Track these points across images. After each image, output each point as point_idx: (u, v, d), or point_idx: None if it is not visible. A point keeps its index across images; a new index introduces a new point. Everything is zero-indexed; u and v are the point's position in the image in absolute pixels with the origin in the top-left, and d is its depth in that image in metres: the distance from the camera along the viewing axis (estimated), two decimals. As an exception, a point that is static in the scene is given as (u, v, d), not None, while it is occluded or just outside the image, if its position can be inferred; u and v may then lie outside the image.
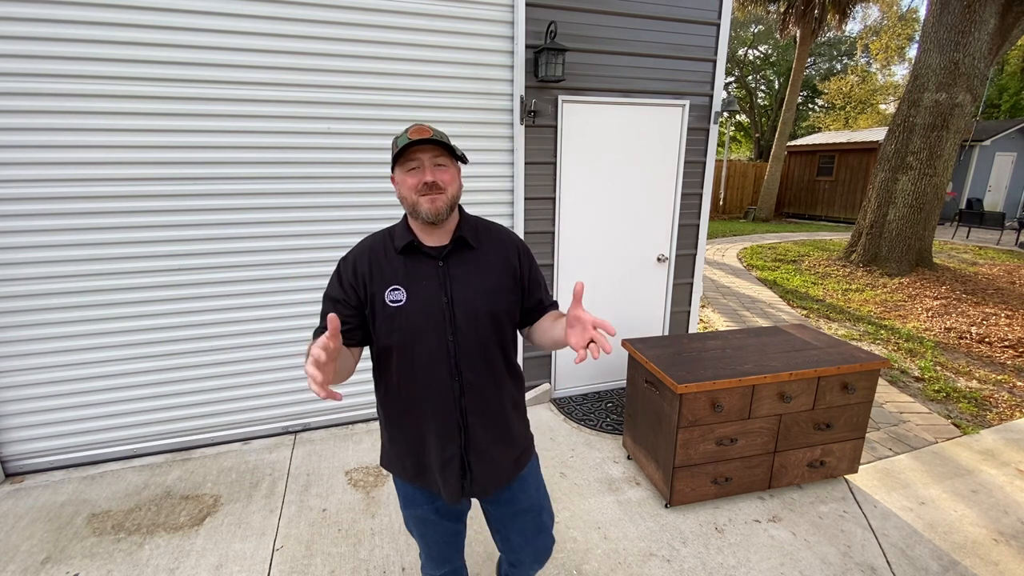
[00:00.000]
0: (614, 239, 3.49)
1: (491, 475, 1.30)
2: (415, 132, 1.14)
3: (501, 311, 1.25)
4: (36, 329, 2.57)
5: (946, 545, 2.24)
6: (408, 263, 1.22)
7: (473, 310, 1.21)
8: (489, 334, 1.23)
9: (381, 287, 1.20)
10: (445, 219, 1.19)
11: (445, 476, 1.26)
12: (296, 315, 2.96)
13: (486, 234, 1.29)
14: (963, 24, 6.72)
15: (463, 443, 1.26)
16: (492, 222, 1.36)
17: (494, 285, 1.24)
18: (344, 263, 1.26)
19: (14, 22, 2.26)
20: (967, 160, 13.99)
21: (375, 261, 1.22)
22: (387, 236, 1.27)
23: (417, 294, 1.19)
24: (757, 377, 2.28)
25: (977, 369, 4.23)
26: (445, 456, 1.25)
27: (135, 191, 2.57)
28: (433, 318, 1.19)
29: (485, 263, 1.25)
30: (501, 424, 1.30)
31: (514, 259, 1.29)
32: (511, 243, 1.31)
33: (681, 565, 2.11)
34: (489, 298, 1.23)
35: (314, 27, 2.64)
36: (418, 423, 1.26)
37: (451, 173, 1.18)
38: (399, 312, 1.18)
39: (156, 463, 2.78)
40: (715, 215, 15.23)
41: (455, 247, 1.23)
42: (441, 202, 1.15)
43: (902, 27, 18.88)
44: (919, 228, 7.41)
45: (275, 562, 2.09)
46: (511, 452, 1.33)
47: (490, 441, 1.28)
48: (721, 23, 3.32)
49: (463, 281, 1.21)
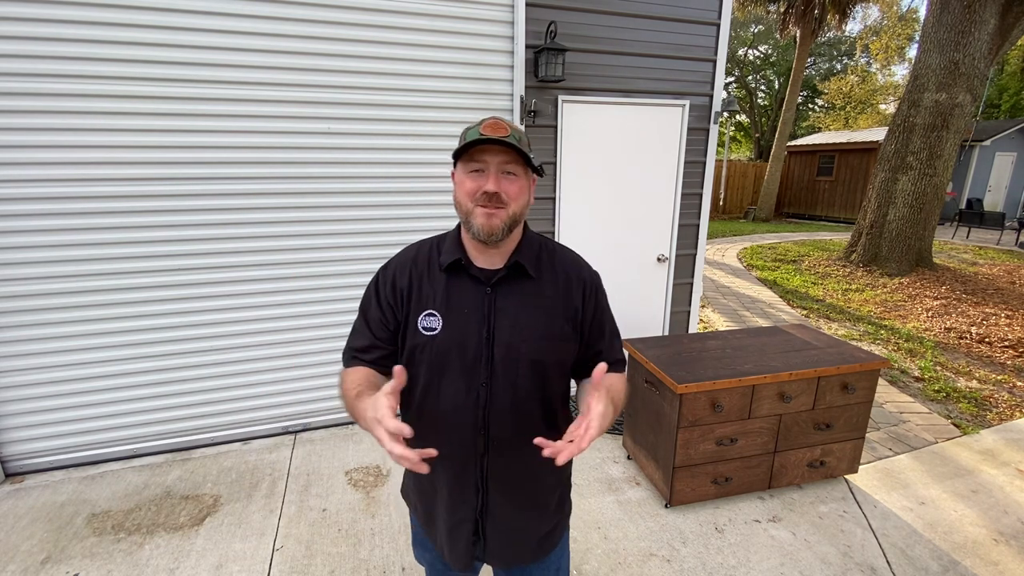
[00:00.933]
0: (614, 239, 3.49)
1: (510, 550, 1.11)
2: (489, 127, 0.93)
3: (550, 361, 1.03)
4: (36, 329, 2.56)
5: (946, 545, 2.24)
6: (451, 285, 1.03)
7: (515, 354, 1.00)
8: (530, 385, 1.02)
9: (417, 309, 1.02)
10: (501, 239, 0.98)
11: (452, 540, 1.09)
12: (296, 315, 2.96)
13: (549, 262, 1.07)
14: (963, 24, 6.72)
15: (479, 508, 1.07)
16: (560, 245, 1.13)
17: (546, 328, 1.02)
18: (383, 275, 1.08)
19: (14, 22, 2.26)
20: (967, 160, 13.99)
21: (416, 277, 1.04)
22: (434, 247, 1.08)
23: (454, 324, 1.00)
24: (757, 377, 2.28)
25: (977, 369, 4.23)
26: (454, 519, 1.07)
27: (135, 191, 2.57)
28: (467, 355, 1.00)
29: (541, 299, 1.03)
30: (531, 493, 1.10)
31: (577, 298, 1.06)
32: (577, 277, 1.07)
33: (681, 565, 2.11)
34: (537, 343, 1.01)
35: (314, 27, 2.64)
36: (432, 473, 1.06)
37: (520, 185, 0.98)
38: (430, 343, 1.00)
39: (156, 463, 2.78)
40: (715, 215, 15.23)
41: (509, 274, 1.02)
42: (499, 220, 0.95)
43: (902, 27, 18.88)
44: (919, 228, 7.41)
45: (275, 562, 2.09)
46: (539, 527, 1.12)
47: (513, 511, 1.08)
48: (721, 23, 3.32)
49: (511, 317, 1.01)
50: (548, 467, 1.04)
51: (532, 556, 1.13)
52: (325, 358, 3.06)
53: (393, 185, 2.96)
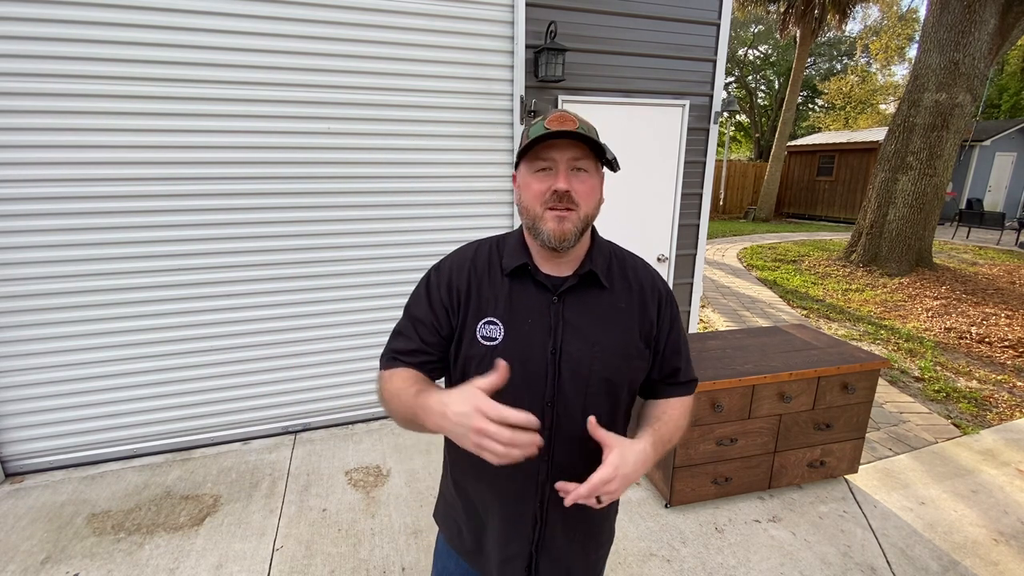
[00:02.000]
0: (614, 239, 3.47)
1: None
2: (555, 121, 0.84)
3: (622, 380, 0.94)
4: (36, 329, 2.56)
5: (946, 545, 2.24)
6: (515, 291, 0.93)
7: (585, 372, 0.91)
8: (601, 405, 0.93)
9: (476, 315, 0.93)
10: (572, 246, 0.89)
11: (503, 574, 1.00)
12: (296, 315, 2.96)
13: (621, 271, 0.99)
14: (963, 24, 6.72)
15: (536, 541, 0.97)
16: (630, 253, 1.04)
17: (620, 343, 0.93)
18: (436, 274, 0.98)
19: (14, 22, 2.26)
20: (967, 160, 13.99)
21: (476, 279, 0.95)
22: (494, 249, 0.98)
23: (517, 335, 0.91)
24: (757, 377, 2.28)
25: (977, 369, 4.23)
26: (508, 552, 0.98)
27: (135, 191, 2.57)
28: (531, 371, 0.90)
29: (614, 311, 0.94)
30: (592, 524, 1.01)
31: (652, 311, 0.97)
32: (652, 288, 0.99)
33: (681, 565, 2.11)
34: (610, 360, 0.92)
35: (314, 27, 2.64)
36: (484, 499, 0.98)
37: (591, 183, 0.89)
38: (490, 355, 0.89)
39: (156, 463, 2.78)
40: (715, 215, 15.23)
41: (580, 283, 0.93)
42: (571, 223, 0.87)
43: (902, 27, 18.89)
44: (919, 228, 7.41)
45: (275, 562, 2.09)
46: (592, 557, 1.06)
47: (570, 543, 1.00)
48: (721, 23, 3.32)
49: (580, 330, 0.92)
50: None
51: None
52: (325, 358, 3.06)
53: (393, 185, 2.96)
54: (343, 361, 3.09)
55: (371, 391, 3.18)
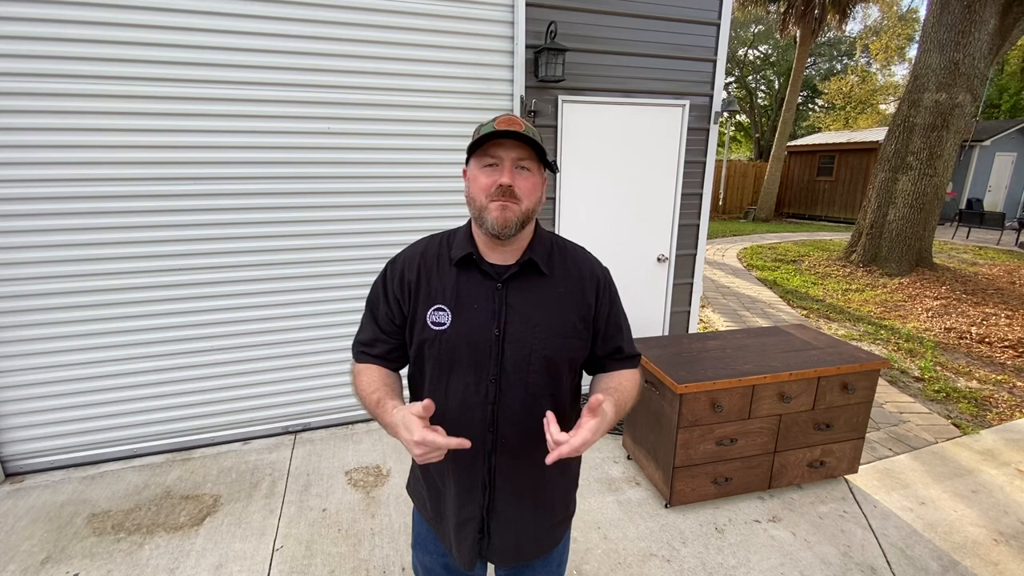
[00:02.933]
0: (614, 239, 3.49)
1: (513, 548, 1.11)
2: (503, 122, 0.95)
3: (561, 358, 1.03)
4: (36, 329, 2.56)
5: (946, 545, 2.24)
6: (461, 280, 1.02)
7: (527, 351, 1.00)
8: (541, 382, 1.02)
9: (426, 303, 1.02)
10: (513, 235, 0.98)
11: (459, 538, 1.09)
12: (296, 315, 2.96)
13: (561, 259, 1.08)
14: (963, 24, 6.72)
15: (485, 505, 1.07)
16: (573, 243, 1.14)
17: (559, 325, 1.03)
18: (392, 268, 1.09)
19: (14, 22, 2.26)
20: (967, 160, 13.99)
21: (425, 271, 1.04)
22: (444, 242, 1.08)
23: (464, 320, 1.00)
24: (757, 377, 2.28)
25: (977, 369, 4.23)
26: (461, 516, 1.08)
27: (135, 191, 2.57)
28: (477, 351, 1.00)
29: (554, 295, 1.04)
30: (539, 492, 1.10)
31: (591, 295, 1.07)
32: (590, 274, 1.09)
33: (681, 565, 2.11)
34: (550, 340, 1.01)
35: (314, 27, 2.64)
36: (442, 470, 1.08)
37: (533, 181, 0.98)
38: (439, 338, 1.00)
39: (156, 463, 2.78)
40: (715, 215, 15.23)
41: (521, 270, 1.03)
42: (512, 213, 0.95)
43: (902, 27, 18.90)
44: (919, 228, 7.41)
45: (275, 562, 2.09)
46: (544, 525, 1.13)
47: (519, 509, 1.08)
48: (721, 23, 3.32)
49: (522, 314, 1.01)
50: (557, 466, 1.02)
51: (535, 554, 1.14)
52: (325, 358, 3.06)
53: (393, 185, 2.96)
54: (343, 361, 3.09)
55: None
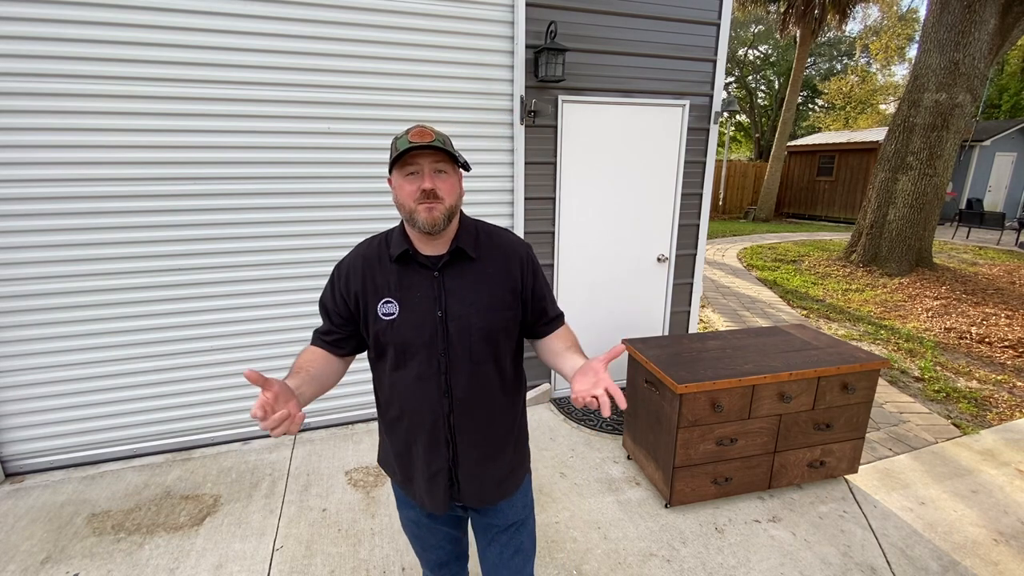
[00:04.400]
0: (614, 239, 3.49)
1: (478, 491, 1.26)
2: (416, 134, 1.07)
3: (497, 328, 1.18)
4: (36, 329, 2.56)
5: (946, 545, 2.24)
6: (402, 273, 1.17)
7: (467, 326, 1.15)
8: (483, 351, 1.18)
9: (375, 298, 1.16)
10: (443, 229, 1.12)
11: (431, 489, 1.24)
12: (296, 315, 2.96)
13: (487, 243, 1.22)
14: (963, 24, 6.72)
15: (451, 458, 1.22)
16: (496, 227, 1.28)
17: (490, 300, 1.18)
18: (337, 271, 1.22)
19: (14, 22, 2.26)
20: (967, 160, 13.99)
21: (368, 270, 1.18)
22: (383, 242, 1.22)
23: (410, 307, 1.15)
24: (757, 377, 2.28)
25: (977, 369, 4.23)
26: (431, 470, 1.23)
27: (135, 191, 2.57)
28: (425, 332, 1.14)
29: (484, 275, 1.18)
30: (493, 443, 1.26)
31: (516, 271, 1.21)
32: (514, 254, 1.23)
33: (681, 565, 2.11)
34: (485, 314, 1.16)
35: (314, 27, 2.64)
36: (406, 434, 1.23)
37: (451, 181, 1.12)
38: (391, 325, 1.15)
39: (156, 463, 2.78)
40: (715, 215, 15.23)
41: (452, 258, 1.17)
42: (439, 211, 1.09)
43: (902, 27, 18.90)
44: (919, 228, 7.41)
45: (275, 562, 2.09)
46: (501, 470, 1.29)
47: (479, 459, 1.24)
48: (721, 23, 3.32)
49: (459, 295, 1.16)
50: (503, 420, 1.26)
51: (499, 495, 1.29)
52: (325, 358, 3.06)
53: (393, 185, 2.96)
54: (343, 361, 3.09)
55: (370, 391, 3.17)
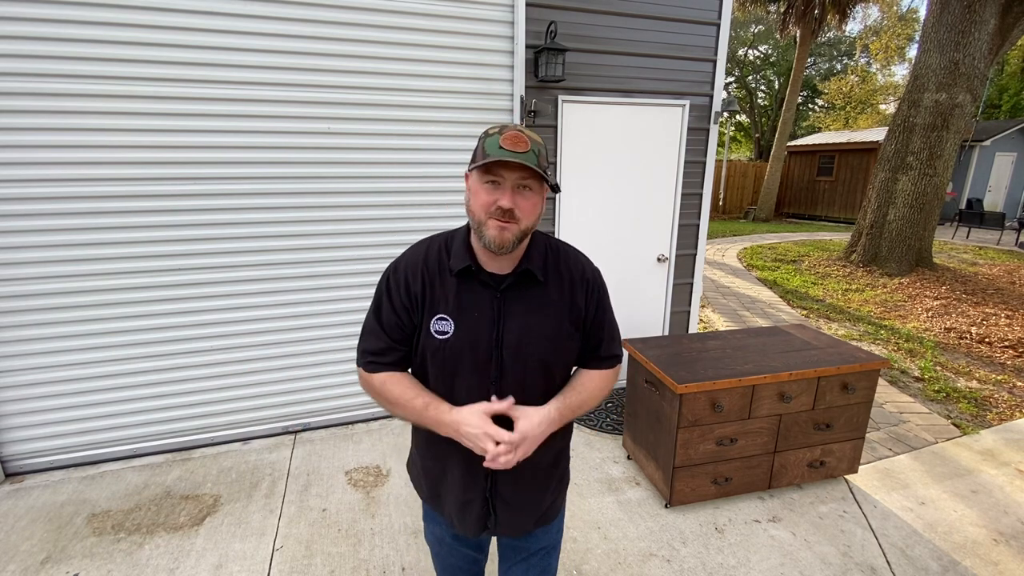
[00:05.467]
0: (614, 239, 3.49)
1: (516, 523, 1.19)
2: (509, 141, 0.94)
3: (556, 360, 1.10)
4: (36, 329, 2.56)
5: (946, 545, 2.24)
6: (462, 288, 1.06)
7: (523, 355, 1.06)
8: (537, 382, 1.09)
9: (430, 312, 1.06)
10: (510, 252, 1.01)
11: (462, 514, 1.17)
12: (296, 315, 2.96)
13: (555, 266, 1.11)
14: (963, 24, 6.72)
15: (488, 489, 1.15)
16: (565, 245, 1.17)
17: (553, 330, 1.08)
18: (394, 277, 1.10)
19: (14, 22, 2.26)
20: (967, 160, 13.99)
21: (429, 281, 1.07)
22: (443, 251, 1.10)
23: (465, 328, 1.05)
24: (757, 377, 2.28)
25: (977, 369, 4.23)
26: (465, 498, 1.16)
27: (135, 191, 2.57)
28: (478, 357, 1.05)
29: (548, 302, 1.08)
30: (537, 476, 1.18)
31: (581, 299, 1.11)
32: (581, 279, 1.12)
33: (681, 565, 2.11)
34: (544, 344, 1.07)
35: (314, 27, 2.64)
36: (444, 457, 1.15)
37: (534, 200, 1.00)
38: (443, 346, 1.05)
39: (156, 463, 2.78)
40: (715, 215, 15.22)
41: (518, 279, 1.07)
42: (510, 233, 0.98)
43: (902, 27, 18.90)
44: (919, 228, 7.41)
45: (275, 562, 2.09)
46: (542, 502, 1.22)
47: (519, 492, 1.17)
48: (721, 23, 3.32)
49: (519, 320, 1.06)
50: (549, 454, 1.17)
51: (536, 525, 1.22)
52: (325, 358, 3.06)
53: (393, 185, 2.96)
54: (343, 361, 3.09)
55: (371, 391, 3.18)
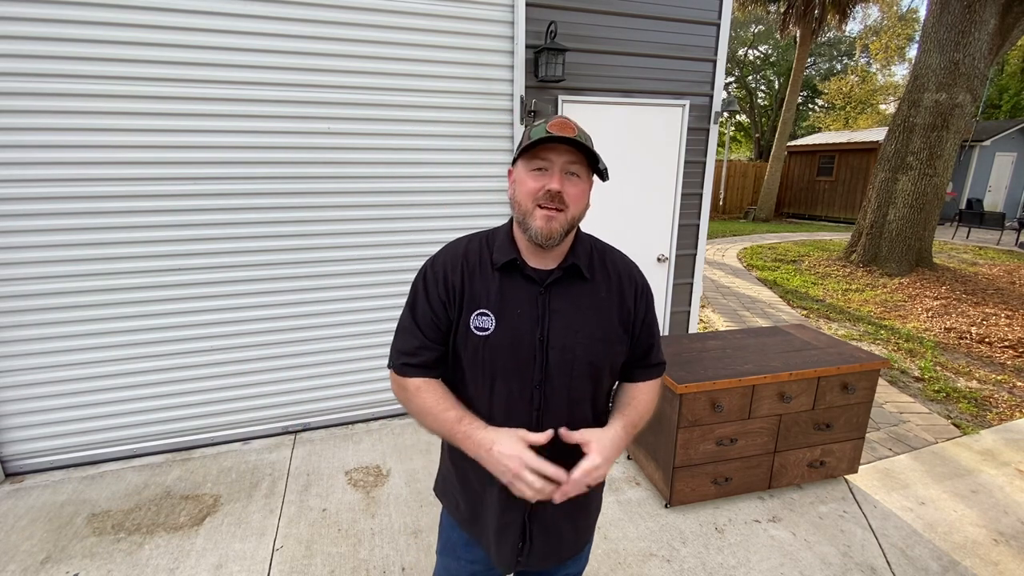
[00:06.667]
0: (614, 239, 3.43)
1: (553, 550, 1.11)
2: (556, 126, 0.91)
3: (604, 364, 1.03)
4: (36, 329, 2.56)
5: (946, 545, 2.24)
6: (504, 283, 1.00)
7: (570, 357, 0.99)
8: (584, 387, 1.02)
9: (469, 308, 1.00)
10: (557, 244, 0.97)
11: (499, 541, 1.08)
12: (296, 315, 2.96)
13: (601, 263, 1.06)
14: (963, 24, 6.72)
15: (528, 510, 1.06)
16: (609, 246, 1.13)
17: (602, 330, 1.01)
18: (432, 270, 1.04)
19: (14, 22, 2.26)
20: (967, 160, 13.99)
21: (469, 275, 1.01)
22: (484, 244, 1.05)
23: (507, 325, 0.98)
24: (757, 377, 2.28)
25: (977, 369, 4.23)
26: (504, 520, 1.06)
27: (135, 191, 2.57)
28: (521, 357, 0.98)
29: (596, 301, 1.02)
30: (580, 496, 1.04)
31: (630, 300, 1.05)
32: (629, 278, 1.07)
33: (681, 565, 2.11)
34: (593, 345, 1.00)
35: (314, 27, 2.64)
36: (482, 473, 1.02)
37: (581, 188, 0.96)
38: (483, 344, 0.98)
39: (156, 463, 2.78)
40: (715, 215, 15.22)
41: (564, 275, 1.01)
42: (558, 223, 0.93)
43: (902, 27, 18.90)
44: (919, 228, 7.41)
45: (275, 562, 2.09)
46: (582, 526, 1.15)
47: (561, 514, 1.08)
48: (721, 23, 3.32)
49: (566, 319, 0.99)
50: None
51: (570, 554, 1.16)
52: (325, 358, 3.06)
53: (393, 185, 2.96)
54: (343, 361, 3.10)
55: (371, 391, 3.18)
